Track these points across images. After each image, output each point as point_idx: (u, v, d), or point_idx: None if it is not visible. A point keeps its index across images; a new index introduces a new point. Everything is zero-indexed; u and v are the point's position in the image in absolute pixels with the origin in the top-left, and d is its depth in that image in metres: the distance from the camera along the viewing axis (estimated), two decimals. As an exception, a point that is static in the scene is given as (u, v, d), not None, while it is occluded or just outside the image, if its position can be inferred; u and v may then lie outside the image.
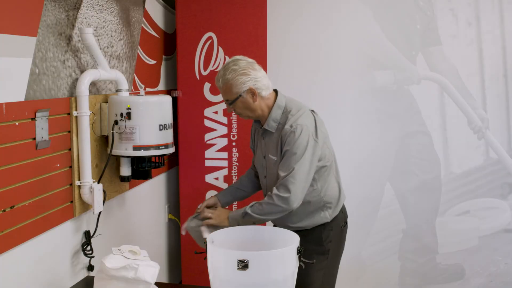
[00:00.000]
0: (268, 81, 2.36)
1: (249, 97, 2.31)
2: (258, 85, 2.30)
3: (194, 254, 2.08)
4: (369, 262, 3.51)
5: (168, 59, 3.43)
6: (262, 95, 2.33)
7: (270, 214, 2.29)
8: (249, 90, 2.30)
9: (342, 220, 2.50)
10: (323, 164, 2.35)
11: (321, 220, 2.39)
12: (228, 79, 2.30)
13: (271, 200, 2.25)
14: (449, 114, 3.38)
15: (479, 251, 3.40)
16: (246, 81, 2.28)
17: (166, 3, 3.39)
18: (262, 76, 2.34)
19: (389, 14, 3.37)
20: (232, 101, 2.33)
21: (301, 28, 3.41)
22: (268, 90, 2.35)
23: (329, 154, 2.39)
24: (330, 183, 2.40)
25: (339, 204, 2.46)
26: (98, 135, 2.55)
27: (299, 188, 2.23)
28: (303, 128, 2.25)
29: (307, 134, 2.26)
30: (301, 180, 2.24)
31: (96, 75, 2.43)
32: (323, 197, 2.37)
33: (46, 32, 2.18)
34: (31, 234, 2.10)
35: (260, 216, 2.29)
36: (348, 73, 3.41)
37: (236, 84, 2.29)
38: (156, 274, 2.08)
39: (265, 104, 2.35)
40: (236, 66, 2.31)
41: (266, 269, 1.84)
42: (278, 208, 2.25)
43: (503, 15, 3.28)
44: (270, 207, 2.26)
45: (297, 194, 2.24)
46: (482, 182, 3.41)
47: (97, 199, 2.40)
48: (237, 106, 2.35)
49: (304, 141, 2.24)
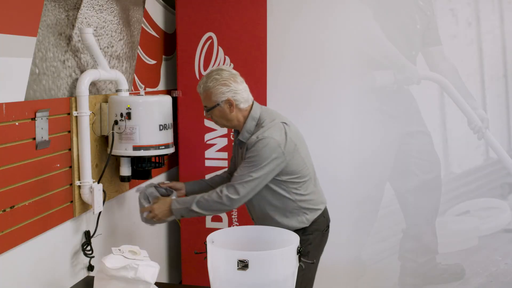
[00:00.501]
0: (249, 95, 2.44)
1: (227, 107, 2.38)
2: (236, 97, 2.38)
3: (194, 254, 2.08)
4: (369, 262, 3.51)
5: (168, 59, 3.43)
6: (240, 107, 2.40)
7: (213, 211, 2.44)
8: (227, 100, 2.37)
9: (324, 224, 2.51)
10: (298, 180, 2.39)
11: (299, 225, 2.41)
12: (209, 87, 2.38)
13: (219, 199, 2.33)
14: (449, 114, 3.37)
15: (479, 251, 3.40)
16: (225, 91, 2.36)
17: (166, 3, 3.39)
18: (242, 89, 2.41)
19: (389, 14, 3.37)
20: (210, 109, 2.41)
21: (301, 28, 3.41)
22: (246, 103, 2.42)
23: (304, 168, 2.41)
24: (307, 193, 2.43)
25: (318, 210, 2.48)
26: (98, 135, 2.55)
27: (247, 194, 2.33)
28: (269, 141, 2.30)
29: (272, 147, 2.30)
30: (252, 188, 2.32)
31: (96, 75, 2.43)
32: (299, 204, 2.41)
33: (46, 32, 2.18)
34: (31, 234, 2.10)
35: (205, 211, 2.39)
36: (348, 73, 3.41)
37: (215, 93, 2.37)
38: (156, 274, 2.08)
39: (242, 115, 2.42)
40: (219, 76, 2.38)
41: (266, 269, 1.84)
42: (224, 207, 2.35)
43: (503, 15, 3.28)
44: (216, 205, 2.34)
45: (244, 199, 2.34)
46: (482, 182, 3.40)
47: (97, 199, 2.40)
48: (214, 114, 2.42)
49: (266, 153, 2.29)
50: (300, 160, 2.40)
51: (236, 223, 3.33)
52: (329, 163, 3.43)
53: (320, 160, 3.40)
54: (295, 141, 2.39)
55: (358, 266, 3.51)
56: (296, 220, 2.41)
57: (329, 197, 3.51)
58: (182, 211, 2.40)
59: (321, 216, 2.49)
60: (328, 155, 3.42)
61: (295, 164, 2.37)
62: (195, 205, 2.36)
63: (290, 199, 2.39)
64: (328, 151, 3.42)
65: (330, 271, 3.44)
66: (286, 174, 2.37)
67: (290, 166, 2.36)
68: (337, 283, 3.50)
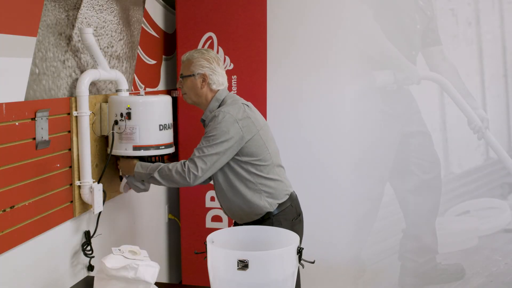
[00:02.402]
0: (224, 81, 2.53)
1: (200, 81, 2.48)
2: (212, 76, 2.48)
3: (194, 254, 2.08)
4: (369, 262, 3.51)
5: (168, 59, 3.43)
6: (212, 87, 2.50)
7: (173, 183, 2.42)
8: (203, 75, 2.48)
9: (293, 213, 2.51)
10: (258, 163, 2.43)
11: (262, 210, 2.43)
12: (193, 56, 2.51)
13: (182, 173, 2.36)
14: (449, 114, 3.38)
15: (479, 251, 3.40)
16: (205, 65, 2.48)
17: (166, 3, 3.39)
18: (221, 73, 2.52)
19: (389, 14, 3.37)
20: (185, 76, 2.51)
21: (301, 28, 3.41)
22: (219, 86, 2.51)
23: (264, 152, 2.44)
24: (268, 177, 2.45)
25: (282, 195, 2.48)
26: (98, 135, 2.55)
27: (208, 170, 2.36)
28: (225, 115, 2.38)
29: (229, 122, 2.36)
30: (212, 163, 2.36)
31: (96, 75, 2.43)
32: (260, 187, 2.43)
33: (46, 32, 2.17)
34: (31, 234, 2.10)
35: (164, 181, 2.42)
36: (348, 73, 3.41)
37: (195, 64, 2.49)
38: (156, 274, 2.08)
39: (210, 95, 2.51)
40: (206, 52, 2.53)
41: (266, 269, 1.83)
42: (184, 181, 2.37)
43: (503, 15, 3.28)
44: (178, 176, 2.37)
45: (205, 175, 2.37)
46: (482, 182, 3.41)
47: (97, 199, 2.40)
48: (186, 84, 2.52)
49: (223, 127, 2.36)
50: (261, 143, 2.43)
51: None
52: (329, 163, 3.44)
53: (320, 160, 3.42)
54: (255, 122, 2.43)
55: (358, 266, 3.51)
56: (259, 199, 2.43)
57: (329, 197, 3.51)
58: (143, 175, 2.47)
59: (288, 206, 2.49)
60: (328, 155, 3.43)
61: (255, 146, 2.41)
62: (157, 173, 2.42)
63: (250, 180, 2.42)
64: (328, 151, 3.43)
65: (330, 271, 3.44)
66: (246, 155, 2.40)
67: (249, 147, 2.40)
68: (337, 283, 3.50)
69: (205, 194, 3.35)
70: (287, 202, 2.49)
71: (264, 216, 2.45)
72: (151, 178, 2.44)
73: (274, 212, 2.45)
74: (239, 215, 2.49)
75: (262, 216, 2.45)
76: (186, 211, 3.39)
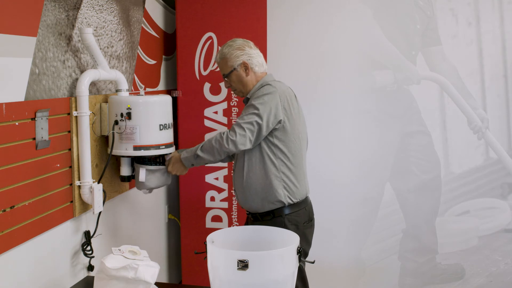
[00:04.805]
0: (263, 60, 2.57)
1: (242, 70, 2.52)
2: (251, 60, 2.52)
3: (194, 254, 2.08)
4: (369, 262, 3.51)
5: (168, 59, 3.44)
6: (255, 70, 2.53)
7: (216, 154, 2.43)
8: (243, 64, 2.51)
9: (305, 217, 2.51)
10: (285, 151, 2.44)
11: (276, 197, 2.43)
12: (225, 53, 2.54)
13: (220, 140, 2.39)
14: (449, 114, 3.38)
15: (479, 251, 3.40)
16: (240, 55, 2.51)
17: (166, 3, 3.39)
18: (256, 54, 2.55)
19: (389, 14, 3.37)
20: (227, 74, 2.54)
21: (301, 28, 3.42)
22: (261, 67, 2.55)
23: (293, 145, 2.45)
24: (291, 171, 2.45)
25: (298, 194, 2.48)
26: (98, 135, 2.55)
27: (245, 137, 2.37)
28: (270, 88, 2.41)
29: (273, 93, 2.39)
30: (250, 130, 2.36)
31: (96, 75, 2.43)
32: (281, 176, 2.44)
33: (46, 32, 2.18)
34: (31, 234, 2.10)
35: (208, 155, 2.44)
36: (348, 73, 3.41)
37: (231, 58, 2.52)
38: (156, 274, 2.08)
39: (256, 79, 2.53)
40: (233, 42, 2.56)
41: (266, 269, 1.84)
42: (223, 148, 2.39)
43: (503, 15, 3.28)
44: (218, 144, 2.40)
45: (241, 141, 2.37)
46: (482, 182, 3.41)
47: (97, 199, 2.40)
48: (232, 80, 2.55)
49: (266, 97, 2.39)
50: (293, 134, 2.45)
51: (236, 223, 3.33)
52: (329, 163, 3.43)
53: (320, 160, 3.42)
54: (291, 107, 2.45)
55: (358, 266, 3.51)
56: (277, 186, 2.43)
57: (329, 197, 3.51)
58: (191, 159, 2.51)
59: (302, 208, 2.50)
60: (328, 155, 3.43)
61: (287, 133, 2.42)
62: (200, 150, 2.46)
63: (275, 165, 2.43)
64: (328, 151, 3.43)
65: (330, 271, 3.44)
66: (278, 138, 2.42)
67: (282, 131, 2.41)
68: (337, 283, 3.50)
69: (205, 194, 3.35)
70: (301, 204, 2.50)
71: (275, 213, 2.45)
72: (197, 157, 2.48)
73: (286, 211, 2.45)
74: (251, 200, 2.48)
75: (273, 213, 2.45)
76: (186, 211, 3.39)
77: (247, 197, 2.49)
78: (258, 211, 2.48)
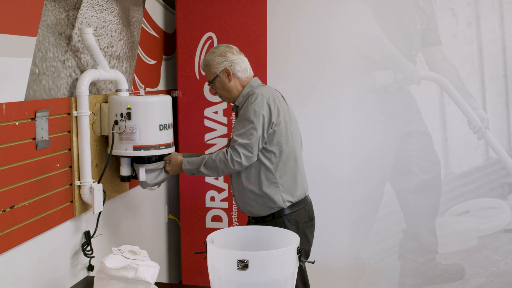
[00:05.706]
0: (247, 65, 2.57)
1: (225, 77, 2.53)
2: (233, 66, 2.52)
3: (194, 254, 2.08)
4: (369, 262, 3.51)
5: (168, 59, 3.43)
6: (238, 76, 2.53)
7: (221, 172, 2.47)
8: (225, 70, 2.52)
9: (305, 216, 2.52)
10: (280, 154, 2.44)
11: (274, 203, 2.44)
12: (207, 60, 2.56)
13: (225, 161, 2.41)
14: (449, 114, 3.37)
15: (479, 251, 3.40)
16: (221, 61, 2.52)
17: (166, 3, 3.39)
18: (239, 59, 2.55)
19: (389, 14, 3.37)
20: (211, 81, 2.56)
21: (301, 28, 3.41)
22: (245, 73, 2.55)
23: (287, 146, 2.46)
24: (287, 171, 2.47)
25: (297, 194, 2.49)
26: (98, 135, 2.55)
27: (252, 151, 2.39)
28: (258, 96, 2.42)
29: (260, 101, 2.40)
30: (254, 143, 2.39)
31: (96, 75, 2.43)
32: (279, 180, 2.45)
33: (46, 32, 2.18)
34: (31, 234, 2.10)
35: (211, 172, 2.48)
36: (348, 73, 3.41)
37: (213, 65, 2.53)
38: (156, 274, 2.08)
39: (240, 85, 2.54)
40: (215, 49, 2.57)
41: (266, 269, 1.84)
42: (229, 169, 2.43)
43: (503, 15, 3.28)
44: (223, 165, 2.43)
45: (249, 161, 2.41)
46: (482, 182, 3.41)
47: (97, 199, 2.40)
48: (216, 87, 2.57)
49: (257, 107, 2.39)
50: (286, 135, 2.46)
51: (236, 223, 3.33)
52: (329, 163, 3.43)
53: (320, 160, 3.42)
54: (280, 109, 2.46)
55: (358, 266, 3.51)
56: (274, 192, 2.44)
57: (329, 197, 3.51)
58: (192, 171, 2.54)
59: (302, 208, 2.50)
60: (328, 155, 3.43)
61: (279, 135, 2.44)
62: (203, 167, 2.48)
63: (271, 171, 2.44)
64: (328, 151, 3.43)
65: (330, 271, 3.44)
66: (271, 143, 2.43)
67: (275, 135, 2.43)
68: (337, 283, 3.50)
69: (205, 194, 3.35)
70: (300, 204, 2.50)
71: (275, 214, 2.45)
72: (199, 172, 2.51)
73: (286, 212, 2.46)
74: (250, 205, 2.49)
75: (273, 215, 2.45)
76: (186, 211, 3.39)
77: (246, 204, 2.51)
78: (258, 215, 2.49)
